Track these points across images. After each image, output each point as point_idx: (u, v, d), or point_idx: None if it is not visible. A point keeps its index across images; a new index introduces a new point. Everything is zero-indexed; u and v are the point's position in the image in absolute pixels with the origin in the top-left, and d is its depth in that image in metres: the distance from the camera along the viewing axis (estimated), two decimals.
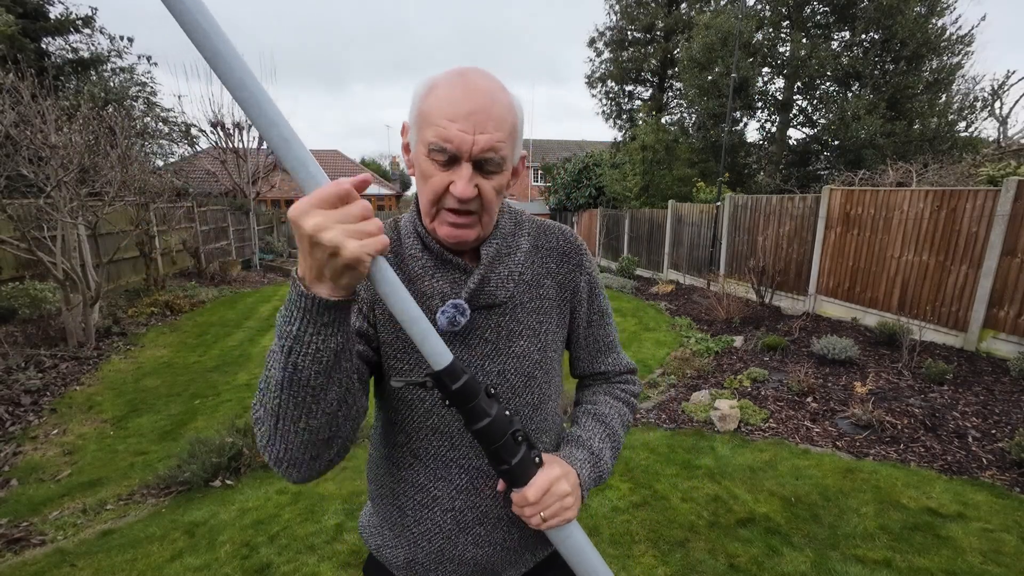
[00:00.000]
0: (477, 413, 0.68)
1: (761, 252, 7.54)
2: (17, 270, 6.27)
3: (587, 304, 0.92)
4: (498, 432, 0.69)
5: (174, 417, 4.08)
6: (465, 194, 0.69)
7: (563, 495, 0.75)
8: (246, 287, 10.27)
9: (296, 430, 0.63)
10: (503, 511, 0.83)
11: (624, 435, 0.93)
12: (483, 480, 0.82)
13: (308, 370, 0.59)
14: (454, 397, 0.66)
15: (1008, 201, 4.61)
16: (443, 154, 0.69)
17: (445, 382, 0.66)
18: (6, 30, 9.75)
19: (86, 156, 5.72)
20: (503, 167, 0.73)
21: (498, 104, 0.70)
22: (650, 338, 6.22)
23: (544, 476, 0.73)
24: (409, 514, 0.84)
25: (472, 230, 0.75)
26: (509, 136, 0.72)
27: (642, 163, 12.61)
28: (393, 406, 0.81)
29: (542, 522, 0.73)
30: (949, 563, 2.28)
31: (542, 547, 0.91)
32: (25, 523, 2.73)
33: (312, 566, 2.32)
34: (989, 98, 12.54)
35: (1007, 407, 3.78)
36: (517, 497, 0.73)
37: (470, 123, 0.68)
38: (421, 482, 0.82)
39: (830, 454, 3.30)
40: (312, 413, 0.62)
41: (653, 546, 2.44)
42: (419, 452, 0.82)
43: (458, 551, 0.83)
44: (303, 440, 0.64)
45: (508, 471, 0.71)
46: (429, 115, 0.69)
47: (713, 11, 12.89)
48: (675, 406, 4.12)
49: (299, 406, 0.61)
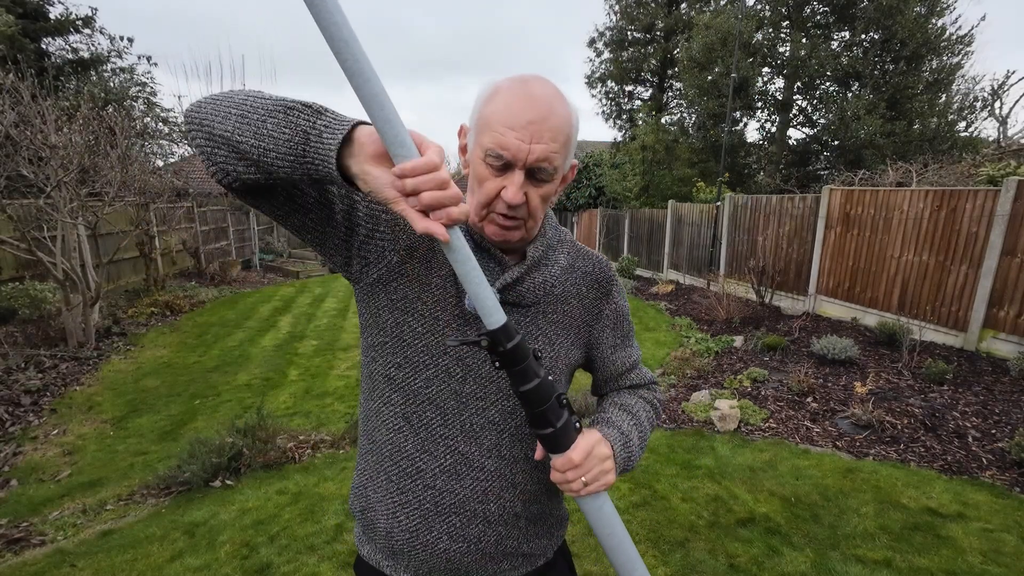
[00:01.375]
0: (527, 374, 0.68)
1: (761, 252, 7.54)
2: (17, 270, 6.28)
3: (612, 330, 0.94)
4: (545, 394, 0.70)
5: (174, 417, 4.08)
6: (514, 200, 0.72)
7: (604, 458, 0.76)
8: (246, 287, 10.27)
9: (244, 118, 0.63)
10: (480, 507, 0.82)
11: (650, 431, 0.94)
12: (467, 468, 0.81)
13: (271, 155, 0.61)
14: (507, 356, 0.66)
15: (1008, 201, 4.61)
16: (499, 160, 0.71)
17: (500, 339, 0.66)
18: (6, 30, 9.75)
19: (86, 156, 5.73)
20: (554, 177, 0.76)
21: (556, 115, 0.72)
22: (650, 338, 6.22)
23: (586, 439, 0.75)
24: (395, 481, 0.83)
25: (517, 231, 0.78)
26: (563, 147, 0.74)
27: (642, 163, 12.61)
28: (397, 362, 0.81)
29: (583, 487, 0.73)
30: (949, 563, 2.28)
31: (522, 560, 0.89)
32: (25, 523, 2.73)
33: (312, 566, 2.32)
34: (989, 98, 12.54)
35: (1007, 407, 3.78)
36: (560, 461, 0.73)
37: (528, 132, 0.70)
38: (409, 451, 0.82)
39: (830, 454, 3.30)
40: (263, 133, 0.62)
41: (653, 546, 2.44)
42: (411, 418, 0.81)
43: (432, 536, 0.82)
44: (244, 126, 0.63)
45: (553, 434, 0.71)
46: (489, 121, 0.72)
47: (713, 11, 12.89)
48: (675, 406, 4.12)
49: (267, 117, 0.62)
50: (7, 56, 7.57)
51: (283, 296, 9.12)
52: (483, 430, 0.81)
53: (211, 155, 0.65)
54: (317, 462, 3.30)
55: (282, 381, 4.88)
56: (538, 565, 0.92)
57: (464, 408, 0.80)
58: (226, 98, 0.65)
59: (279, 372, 5.13)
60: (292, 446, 3.40)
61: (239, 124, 0.62)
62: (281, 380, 4.91)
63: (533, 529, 0.89)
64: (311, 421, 3.93)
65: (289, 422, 3.86)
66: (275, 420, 3.69)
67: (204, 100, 0.66)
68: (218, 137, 0.63)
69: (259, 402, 4.08)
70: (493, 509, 0.83)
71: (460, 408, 0.80)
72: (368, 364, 0.86)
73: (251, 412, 3.52)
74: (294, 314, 7.75)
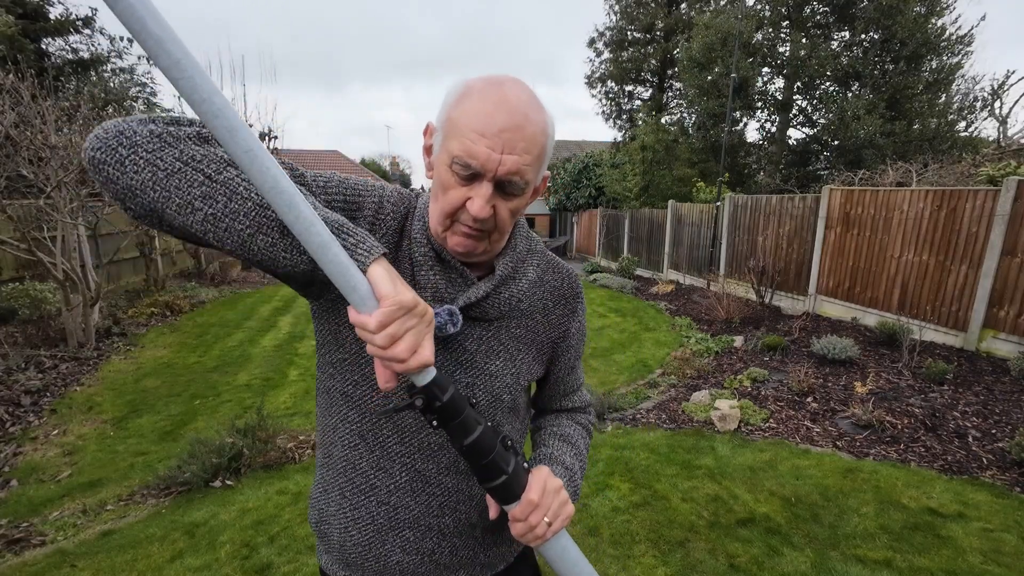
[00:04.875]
0: (468, 425, 0.63)
1: (761, 252, 7.54)
2: (17, 271, 6.28)
3: (573, 350, 0.92)
4: (490, 442, 0.65)
5: (174, 417, 4.08)
6: (481, 214, 0.67)
7: (558, 489, 0.72)
8: (246, 287, 10.27)
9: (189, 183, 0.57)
10: (434, 520, 0.81)
11: (586, 455, 0.93)
12: (423, 485, 0.79)
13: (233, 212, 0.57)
14: (444, 411, 0.62)
15: (1008, 201, 4.61)
16: (466, 169, 0.66)
17: (435, 394, 0.61)
18: (6, 30, 9.75)
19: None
20: (525, 191, 0.71)
21: (531, 123, 0.67)
22: (650, 338, 6.22)
23: (536, 476, 0.71)
24: (348, 497, 0.82)
25: (480, 243, 0.73)
26: (536, 159, 0.69)
27: (642, 163, 12.61)
28: (355, 380, 0.77)
29: (547, 529, 0.69)
30: (949, 563, 2.28)
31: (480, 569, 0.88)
32: (25, 524, 2.73)
33: (312, 567, 2.32)
34: (989, 98, 12.53)
35: (1007, 407, 3.77)
36: (519, 508, 0.68)
37: (500, 141, 0.65)
38: (363, 468, 0.80)
39: (830, 454, 3.30)
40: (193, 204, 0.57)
41: (653, 546, 2.44)
42: (367, 436, 0.78)
43: (385, 550, 0.81)
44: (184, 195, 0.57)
45: (505, 483, 0.67)
46: (458, 125, 0.66)
47: (713, 11, 12.90)
48: (675, 406, 4.12)
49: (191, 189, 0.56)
50: (7, 56, 7.57)
51: (283, 296, 9.11)
52: (441, 449, 0.79)
53: (124, 205, 0.58)
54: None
55: (282, 381, 4.88)
56: (498, 570, 0.91)
57: (422, 428, 0.78)
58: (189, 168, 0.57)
59: (279, 372, 5.13)
60: (292, 446, 3.40)
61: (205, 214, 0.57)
62: (281, 380, 4.91)
63: (490, 538, 0.87)
64: (311, 421, 3.93)
65: (289, 422, 3.86)
66: (275, 420, 3.69)
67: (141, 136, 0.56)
68: (152, 208, 0.57)
69: (259, 402, 4.08)
70: (448, 522, 0.82)
71: (419, 428, 0.77)
72: (325, 380, 0.83)
73: (251, 412, 3.52)
74: (294, 314, 7.75)
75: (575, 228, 17.22)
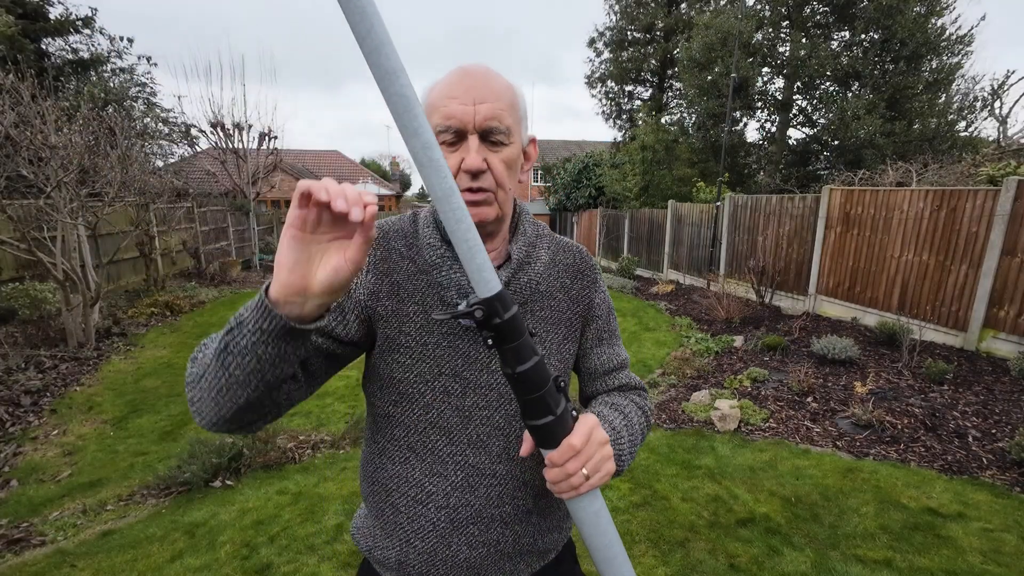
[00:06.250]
0: (524, 351, 0.60)
1: (761, 252, 7.54)
2: (17, 271, 6.27)
3: (603, 322, 0.92)
4: (543, 376, 0.61)
5: (174, 417, 4.08)
6: (475, 164, 0.70)
7: (604, 442, 0.68)
8: (246, 287, 10.27)
9: (209, 396, 0.62)
10: (496, 511, 0.82)
11: (640, 440, 0.86)
12: (479, 478, 0.80)
13: (235, 363, 0.59)
14: (502, 330, 0.58)
15: (1008, 201, 4.61)
16: (449, 132, 0.71)
17: (496, 309, 0.58)
18: (6, 31, 9.75)
19: (86, 157, 5.72)
20: (510, 138, 0.74)
21: (494, 79, 0.73)
22: (650, 338, 6.22)
23: (583, 422, 0.66)
24: (403, 511, 0.82)
25: (490, 207, 0.74)
26: (510, 107, 0.73)
27: (642, 163, 12.62)
28: (393, 399, 0.80)
29: (584, 481, 0.64)
30: (949, 563, 2.28)
31: (536, 557, 0.89)
32: (25, 524, 2.73)
33: (312, 567, 2.32)
34: (989, 98, 12.53)
35: (1007, 407, 3.78)
36: (558, 451, 0.64)
37: (469, 96, 0.70)
38: (416, 478, 0.81)
39: (830, 454, 3.30)
40: (223, 394, 0.61)
41: (653, 546, 2.44)
42: (416, 447, 0.80)
43: (451, 551, 0.81)
44: (211, 407, 0.63)
45: (550, 425, 0.62)
46: (432, 105, 0.73)
47: (713, 11, 12.90)
48: (675, 406, 4.12)
49: (216, 380, 0.61)
50: (7, 56, 7.58)
51: None
52: (490, 438, 0.80)
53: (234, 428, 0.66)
54: (317, 462, 3.30)
55: None
56: (549, 560, 0.92)
57: (468, 421, 0.79)
58: (195, 362, 0.65)
59: None
60: (292, 446, 3.40)
61: (216, 401, 0.62)
62: None
63: (545, 523, 0.89)
64: (311, 421, 3.93)
65: (289, 422, 3.86)
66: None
67: (189, 381, 0.66)
68: (223, 418, 0.64)
69: None
70: (509, 510, 0.83)
71: (464, 423, 0.79)
72: (369, 408, 0.87)
73: None
74: None
75: (575, 228, 17.21)
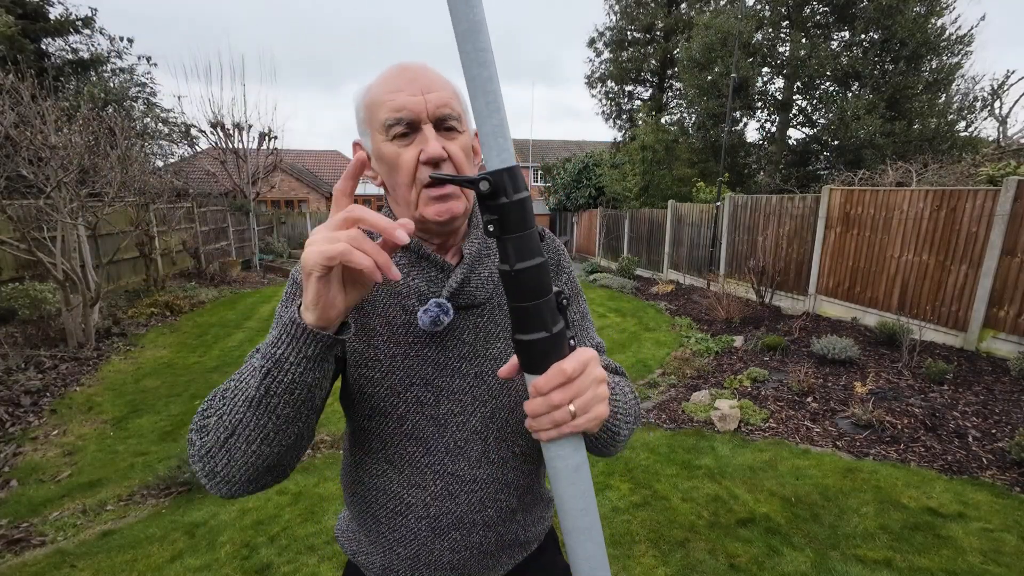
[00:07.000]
0: (528, 246, 0.51)
1: (761, 252, 7.54)
2: (17, 271, 6.27)
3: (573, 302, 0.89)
4: (544, 284, 0.52)
5: (174, 418, 4.08)
6: (436, 151, 0.67)
7: (600, 380, 0.58)
8: (246, 287, 10.27)
9: (247, 452, 0.60)
10: (478, 516, 0.80)
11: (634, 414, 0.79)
12: (459, 485, 0.79)
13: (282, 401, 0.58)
14: (507, 213, 0.50)
15: (1008, 201, 4.61)
16: (402, 124, 0.69)
17: (505, 184, 0.49)
18: (6, 31, 9.75)
19: (86, 157, 5.73)
20: (462, 125, 0.73)
21: (432, 71, 0.72)
22: (650, 338, 6.22)
23: (580, 352, 0.56)
24: (383, 521, 0.81)
25: (458, 201, 0.72)
26: (454, 96, 0.72)
27: (642, 163, 12.61)
28: (366, 413, 0.78)
29: (568, 418, 0.54)
30: (949, 563, 2.28)
31: (519, 548, 0.89)
32: (25, 524, 2.73)
33: (312, 567, 2.32)
34: (989, 98, 12.54)
35: (1007, 407, 3.78)
36: (546, 377, 0.54)
37: (416, 87, 0.69)
38: (395, 490, 0.79)
39: (830, 454, 3.30)
40: (269, 440, 0.60)
41: (653, 546, 2.44)
42: (393, 459, 0.78)
43: (435, 556, 0.81)
44: (249, 463, 0.61)
45: (542, 341, 0.53)
46: (375, 102, 0.71)
47: (713, 11, 12.89)
48: (675, 406, 4.12)
49: (259, 428, 0.59)
50: (7, 56, 7.57)
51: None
52: (468, 443, 0.78)
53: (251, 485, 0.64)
54: (317, 462, 3.30)
55: None
56: (532, 550, 0.92)
57: (444, 430, 0.77)
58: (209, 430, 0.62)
59: None
60: None
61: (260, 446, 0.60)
62: None
63: (528, 518, 0.89)
64: None
65: None
66: None
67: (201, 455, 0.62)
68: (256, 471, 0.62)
69: None
70: (491, 513, 0.82)
71: (440, 431, 0.77)
72: (348, 424, 0.85)
73: None
74: None
75: (575, 228, 17.21)
